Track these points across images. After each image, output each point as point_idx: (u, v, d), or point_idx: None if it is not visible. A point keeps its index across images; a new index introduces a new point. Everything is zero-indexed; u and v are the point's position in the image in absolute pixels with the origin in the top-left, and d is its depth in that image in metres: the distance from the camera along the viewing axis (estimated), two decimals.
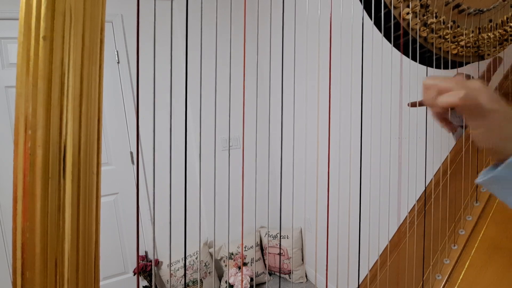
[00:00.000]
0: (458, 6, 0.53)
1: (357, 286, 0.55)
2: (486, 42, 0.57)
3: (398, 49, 0.52)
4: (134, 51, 1.94)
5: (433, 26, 0.51)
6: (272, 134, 2.23)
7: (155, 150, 0.35)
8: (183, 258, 1.95)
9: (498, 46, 0.60)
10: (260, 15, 2.20)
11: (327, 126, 1.70)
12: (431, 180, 0.65)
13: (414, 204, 0.62)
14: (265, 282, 2.09)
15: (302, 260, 2.14)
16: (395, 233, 0.61)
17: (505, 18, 0.59)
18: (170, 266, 0.43)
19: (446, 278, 0.47)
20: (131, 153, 2.02)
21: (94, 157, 0.25)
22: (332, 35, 1.40)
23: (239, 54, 2.10)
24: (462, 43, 0.55)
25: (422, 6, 0.49)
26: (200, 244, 2.07)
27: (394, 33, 0.51)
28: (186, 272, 1.96)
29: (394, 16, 0.49)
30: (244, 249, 2.04)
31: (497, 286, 0.42)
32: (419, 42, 0.52)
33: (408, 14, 0.49)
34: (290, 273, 2.09)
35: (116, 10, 1.90)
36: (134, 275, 2.05)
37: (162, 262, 1.98)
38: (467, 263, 0.47)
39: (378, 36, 0.50)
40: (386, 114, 1.24)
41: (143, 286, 1.99)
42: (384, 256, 0.58)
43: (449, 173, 0.61)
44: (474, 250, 0.48)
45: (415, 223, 0.58)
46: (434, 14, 0.51)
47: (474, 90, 0.35)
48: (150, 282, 1.97)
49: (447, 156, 0.64)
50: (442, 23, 0.52)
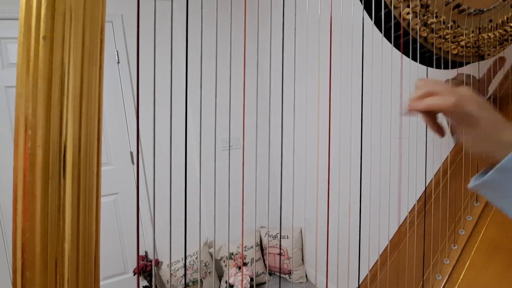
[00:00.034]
0: (458, 6, 0.53)
1: (357, 286, 0.55)
2: (486, 42, 0.57)
3: (398, 49, 0.52)
4: (134, 51, 1.94)
5: (433, 26, 0.51)
6: (272, 134, 2.23)
7: (155, 150, 0.35)
8: (183, 258, 1.95)
9: (498, 46, 0.60)
10: (260, 15, 2.20)
11: (327, 126, 1.70)
12: (431, 180, 0.65)
13: (414, 204, 0.62)
14: (265, 282, 2.09)
15: (302, 260, 2.14)
16: (395, 233, 0.61)
17: (505, 18, 0.59)
18: (170, 266, 0.43)
19: (446, 278, 0.47)
20: (131, 153, 2.02)
21: (94, 157, 0.25)
22: (332, 35, 1.40)
23: (239, 54, 2.10)
24: (462, 43, 0.55)
25: (422, 6, 0.49)
26: (200, 244, 2.07)
27: (394, 33, 0.51)
28: (186, 272, 1.96)
29: (394, 16, 0.49)
30: (244, 249, 2.04)
31: (497, 286, 0.42)
32: (419, 42, 0.52)
33: (408, 14, 0.49)
34: (290, 273, 2.09)
35: (116, 10, 1.90)
36: (134, 275, 2.05)
37: (162, 262, 1.98)
38: (467, 263, 0.47)
39: (378, 36, 0.50)
40: (386, 114, 1.24)
41: (143, 286, 1.99)
42: (384, 256, 0.58)
43: (449, 173, 0.61)
44: (474, 250, 0.48)
45: (415, 223, 0.58)
46: (434, 14, 0.51)
47: (463, 97, 0.35)
48: (150, 282, 1.97)
49: (447, 156, 0.64)
50: (442, 23, 0.52)
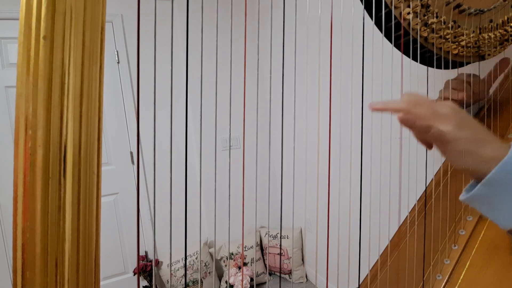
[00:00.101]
0: (458, 6, 0.53)
1: (357, 286, 0.55)
2: (486, 42, 0.57)
3: (399, 49, 0.52)
4: (134, 51, 1.94)
5: (433, 26, 0.51)
6: (272, 134, 2.23)
7: (155, 150, 0.35)
8: (183, 258, 1.95)
9: (499, 46, 0.60)
10: (260, 15, 2.20)
11: (328, 126, 1.70)
12: (432, 180, 0.65)
13: (415, 204, 0.62)
14: (265, 282, 2.09)
15: (302, 260, 2.14)
16: (396, 233, 0.61)
17: (505, 18, 0.59)
18: (170, 266, 0.43)
19: (446, 278, 0.47)
20: (131, 153, 2.02)
21: (94, 157, 0.25)
22: (332, 35, 1.40)
23: (240, 54, 2.10)
24: (463, 43, 0.55)
25: (422, 6, 0.49)
26: (200, 244, 2.07)
27: (394, 33, 0.51)
28: (186, 272, 1.96)
29: (395, 16, 0.49)
30: (244, 249, 2.04)
31: (497, 286, 0.42)
32: (420, 42, 0.52)
33: (408, 14, 0.49)
34: (290, 273, 2.09)
35: (116, 10, 1.90)
36: (134, 275, 2.05)
37: (162, 262, 1.98)
38: (468, 263, 0.47)
39: (379, 36, 0.50)
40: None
41: (143, 286, 1.99)
42: (384, 256, 0.58)
43: (449, 173, 0.61)
44: (474, 250, 0.48)
45: (416, 223, 0.58)
46: (435, 14, 0.51)
47: (439, 116, 0.35)
48: (150, 282, 1.97)
49: None
50: (442, 23, 0.52)
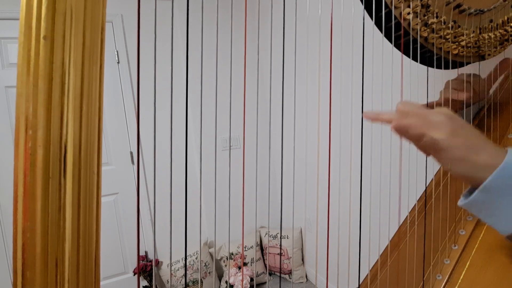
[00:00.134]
0: (459, 6, 0.53)
1: (357, 286, 0.55)
2: (486, 42, 0.57)
3: (399, 49, 0.52)
4: (134, 51, 1.94)
5: (433, 26, 0.51)
6: (272, 134, 2.23)
7: (155, 150, 0.35)
8: (183, 258, 1.95)
9: (499, 46, 0.60)
10: (260, 15, 2.20)
11: (328, 126, 1.70)
12: (432, 180, 0.65)
13: (415, 204, 0.62)
14: (265, 282, 2.09)
15: (302, 260, 2.14)
16: (396, 233, 0.61)
17: (505, 18, 0.59)
18: (170, 266, 0.43)
19: (446, 278, 0.47)
20: (131, 153, 2.02)
21: (94, 157, 0.25)
22: (332, 35, 1.40)
23: (240, 54, 2.10)
24: (463, 43, 0.55)
25: (423, 6, 0.49)
26: (200, 244, 2.07)
27: (394, 33, 0.51)
28: (186, 272, 1.96)
29: (395, 16, 0.49)
30: (244, 249, 2.04)
31: (497, 286, 0.42)
32: (420, 42, 0.52)
33: (408, 14, 0.49)
34: (290, 273, 2.09)
35: (116, 10, 1.90)
36: (134, 275, 2.05)
37: (162, 262, 1.98)
38: (468, 263, 0.47)
39: (379, 36, 0.50)
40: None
41: (143, 286, 1.99)
42: (384, 256, 0.58)
43: (449, 173, 0.61)
44: (474, 250, 0.48)
45: (416, 223, 0.58)
46: (435, 14, 0.51)
47: (433, 125, 0.35)
48: (150, 282, 1.97)
49: None
50: (442, 23, 0.52)
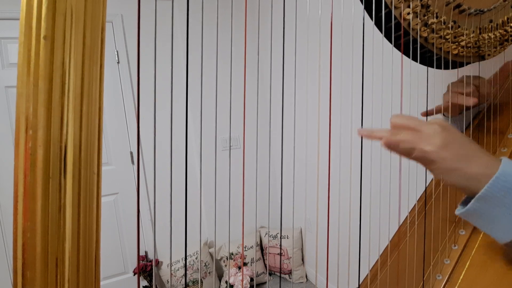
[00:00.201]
0: (458, 6, 0.53)
1: (357, 286, 0.55)
2: (486, 42, 0.57)
3: (399, 49, 0.52)
4: (134, 51, 1.94)
5: (433, 26, 0.51)
6: (272, 134, 2.23)
7: (155, 150, 0.35)
8: (183, 258, 1.95)
9: (499, 47, 0.60)
10: (260, 15, 2.20)
11: (328, 126, 1.70)
12: (432, 180, 0.65)
13: (415, 204, 0.62)
14: (265, 282, 2.09)
15: (302, 260, 2.14)
16: (396, 233, 0.61)
17: (505, 18, 0.59)
18: (170, 266, 0.43)
19: (446, 278, 0.47)
20: (131, 153, 2.02)
21: (94, 157, 0.25)
22: (333, 35, 1.40)
23: (240, 54, 2.10)
24: (463, 43, 0.55)
25: (422, 6, 0.49)
26: (200, 244, 2.07)
27: (394, 33, 0.51)
28: (186, 272, 1.96)
29: (395, 16, 0.49)
30: (244, 249, 2.04)
31: (497, 286, 0.42)
32: (420, 42, 0.52)
33: (408, 14, 0.49)
34: (290, 273, 2.09)
35: (116, 10, 1.90)
36: (134, 275, 2.05)
37: (162, 262, 1.98)
38: (468, 263, 0.47)
39: (379, 36, 0.50)
40: (387, 113, 1.24)
41: (143, 286, 1.99)
42: (384, 256, 0.58)
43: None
44: (474, 250, 0.48)
45: (416, 223, 0.58)
46: (435, 14, 0.51)
47: (424, 138, 0.35)
48: (150, 282, 1.97)
49: None
50: (442, 23, 0.52)
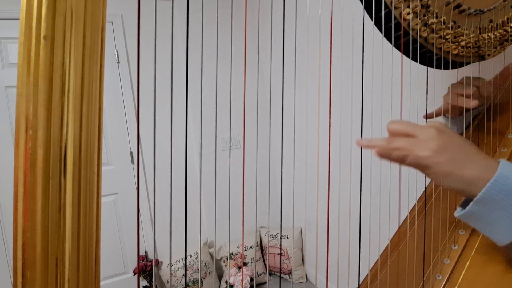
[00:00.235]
0: (458, 6, 0.53)
1: (357, 286, 0.55)
2: (486, 42, 0.57)
3: (399, 49, 0.52)
4: (134, 51, 1.94)
5: (433, 26, 0.51)
6: (272, 134, 2.23)
7: (155, 150, 0.35)
8: (183, 258, 1.95)
9: (499, 47, 0.60)
10: (260, 15, 2.20)
11: (328, 126, 1.70)
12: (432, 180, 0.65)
13: (415, 204, 0.62)
14: (265, 282, 2.09)
15: (302, 260, 2.14)
16: (395, 233, 0.61)
17: (505, 18, 0.59)
18: (170, 266, 0.43)
19: (446, 278, 0.47)
20: (131, 153, 2.02)
21: (94, 156, 0.25)
22: (332, 35, 1.40)
23: (240, 54, 2.10)
24: (463, 43, 0.55)
25: (422, 6, 0.49)
26: (200, 244, 2.07)
27: (394, 33, 0.51)
28: (186, 272, 1.96)
29: (395, 16, 0.49)
30: (244, 249, 2.04)
31: (497, 286, 0.42)
32: (420, 42, 0.52)
33: (408, 14, 0.49)
34: (290, 273, 2.09)
35: (116, 10, 1.90)
36: (134, 275, 2.05)
37: (162, 262, 1.98)
38: (468, 263, 0.47)
39: (379, 36, 0.50)
40: (387, 113, 1.24)
41: (143, 286, 1.99)
42: (384, 256, 0.58)
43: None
44: (474, 250, 0.48)
45: (416, 223, 0.58)
46: (435, 14, 0.51)
47: (419, 144, 0.35)
48: (150, 282, 1.97)
49: None
50: (442, 24, 0.52)
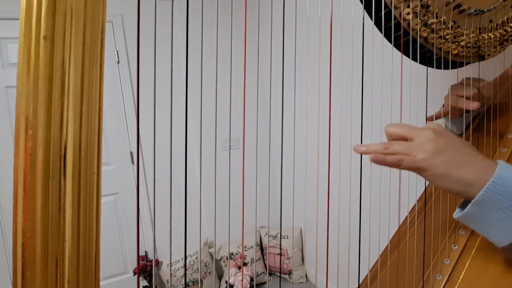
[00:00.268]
0: (458, 6, 0.53)
1: (357, 286, 0.55)
2: (486, 42, 0.57)
3: (399, 49, 0.52)
4: (134, 51, 1.94)
5: (433, 26, 0.51)
6: (272, 134, 2.23)
7: (155, 150, 0.35)
8: (183, 258, 1.95)
9: (499, 47, 0.60)
10: (260, 15, 2.20)
11: (328, 126, 1.70)
12: None
13: (415, 204, 0.62)
14: (265, 282, 2.09)
15: (302, 260, 2.14)
16: (395, 233, 0.61)
17: (505, 18, 0.59)
18: (170, 266, 0.43)
19: (446, 278, 0.47)
20: (131, 153, 2.02)
21: (94, 156, 0.25)
22: (332, 35, 1.40)
23: (240, 54, 2.10)
24: (463, 43, 0.55)
25: (422, 6, 0.49)
26: (200, 244, 2.07)
27: (394, 33, 0.51)
28: (186, 272, 1.96)
29: (395, 16, 0.49)
30: (244, 249, 2.04)
31: (497, 286, 0.42)
32: (420, 42, 0.52)
33: (408, 14, 0.49)
34: (290, 273, 2.09)
35: (116, 10, 1.90)
36: (134, 275, 2.05)
37: (162, 262, 1.98)
38: (468, 263, 0.47)
39: (379, 36, 0.50)
40: (387, 113, 1.24)
41: (143, 286, 1.99)
42: (384, 256, 0.58)
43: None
44: (474, 250, 0.48)
45: (416, 223, 0.58)
46: (435, 14, 0.51)
47: (416, 147, 0.36)
48: (150, 282, 1.97)
49: None
50: (442, 23, 0.52)
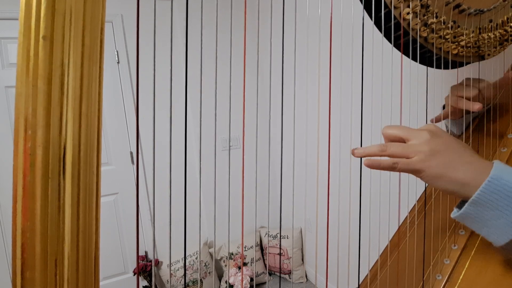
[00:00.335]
0: (458, 6, 0.53)
1: (357, 286, 0.55)
2: (486, 42, 0.57)
3: (398, 49, 0.52)
4: (134, 51, 1.94)
5: (433, 26, 0.51)
6: (272, 134, 2.23)
7: (155, 150, 0.35)
8: (183, 258, 1.95)
9: (499, 46, 0.60)
10: (260, 15, 2.20)
11: (328, 126, 1.70)
12: None
13: (414, 204, 0.62)
14: (265, 282, 2.09)
15: (302, 260, 2.14)
16: (395, 233, 0.61)
17: (505, 18, 0.59)
18: (170, 266, 0.43)
19: (446, 278, 0.47)
20: (131, 153, 2.02)
21: (94, 157, 0.25)
22: (332, 35, 1.40)
23: (240, 54, 2.10)
24: (463, 43, 0.55)
25: (422, 6, 0.49)
26: (200, 244, 2.07)
27: (394, 33, 0.51)
28: (186, 272, 1.96)
29: (395, 16, 0.49)
30: (244, 249, 2.04)
31: (497, 286, 0.42)
32: (420, 42, 0.52)
33: (408, 14, 0.49)
34: (290, 273, 2.09)
35: (116, 10, 1.90)
36: (134, 275, 2.05)
37: (162, 262, 1.98)
38: (468, 263, 0.47)
39: (379, 36, 0.50)
40: (387, 113, 1.24)
41: (143, 286, 1.99)
42: (384, 256, 0.58)
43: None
44: (474, 250, 0.48)
45: (415, 223, 0.58)
46: (435, 14, 0.51)
47: (413, 149, 0.36)
48: (150, 282, 1.97)
49: None
50: (442, 23, 0.52)
